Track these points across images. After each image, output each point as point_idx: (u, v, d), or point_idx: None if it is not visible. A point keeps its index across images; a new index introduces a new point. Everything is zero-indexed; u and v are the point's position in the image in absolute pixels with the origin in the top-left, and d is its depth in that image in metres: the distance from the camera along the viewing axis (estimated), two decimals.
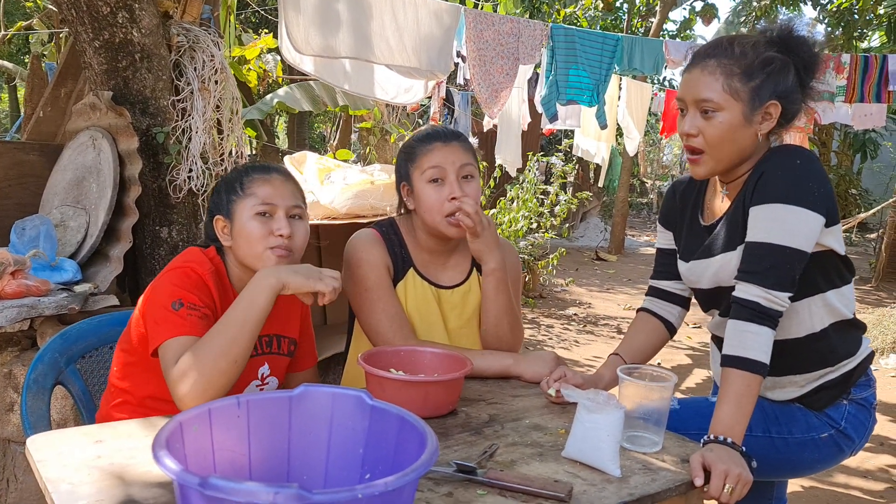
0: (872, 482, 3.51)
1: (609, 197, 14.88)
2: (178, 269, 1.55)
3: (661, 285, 1.90)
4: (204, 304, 1.51)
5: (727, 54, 1.57)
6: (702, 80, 1.57)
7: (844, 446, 1.68)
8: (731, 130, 1.57)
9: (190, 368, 1.36)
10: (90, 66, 2.75)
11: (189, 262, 1.58)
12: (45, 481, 1.11)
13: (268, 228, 1.58)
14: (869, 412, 1.69)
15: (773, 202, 1.51)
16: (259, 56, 5.42)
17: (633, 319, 1.93)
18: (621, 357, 1.81)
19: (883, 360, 5.74)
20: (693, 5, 13.44)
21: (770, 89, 1.56)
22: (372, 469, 1.06)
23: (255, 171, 1.65)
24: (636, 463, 1.34)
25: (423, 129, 1.90)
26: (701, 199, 1.79)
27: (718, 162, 1.61)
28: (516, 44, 4.35)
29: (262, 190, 1.61)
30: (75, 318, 2.16)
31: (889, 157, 15.88)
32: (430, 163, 1.80)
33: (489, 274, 1.85)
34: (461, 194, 1.78)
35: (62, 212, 2.76)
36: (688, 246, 1.77)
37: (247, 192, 1.61)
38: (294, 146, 13.64)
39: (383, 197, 3.52)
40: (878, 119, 6.93)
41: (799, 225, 1.49)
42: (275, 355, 1.72)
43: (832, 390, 1.66)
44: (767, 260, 1.49)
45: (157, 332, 1.45)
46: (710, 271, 1.68)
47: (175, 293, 1.49)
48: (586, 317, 7.12)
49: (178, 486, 0.84)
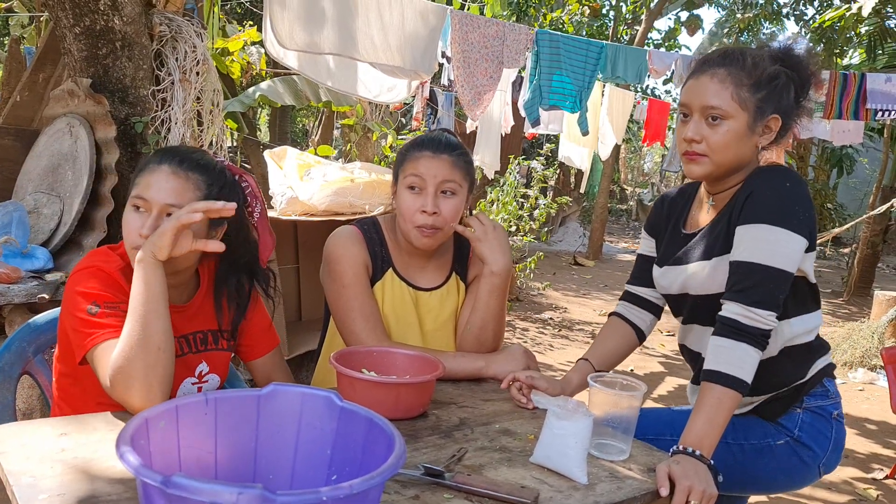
0: (836, 494, 3.56)
1: (589, 202, 14.96)
2: (84, 271, 1.47)
3: (636, 291, 1.92)
4: (119, 298, 1.43)
5: (739, 64, 1.59)
6: (711, 88, 1.59)
7: (805, 457, 1.69)
8: (734, 139, 1.59)
9: (122, 374, 1.31)
10: (70, 52, 2.71)
11: (94, 262, 1.50)
12: (5, 473, 1.09)
13: (140, 223, 1.48)
14: (828, 422, 1.70)
15: (760, 222, 1.53)
16: (243, 48, 5.38)
17: (604, 323, 1.94)
18: (590, 362, 1.82)
19: (851, 373, 5.82)
20: (678, 15, 13.55)
21: (774, 104, 1.59)
22: (339, 470, 1.06)
23: (153, 160, 1.53)
24: (603, 471, 1.35)
25: (426, 134, 1.89)
26: (686, 210, 1.81)
27: (718, 167, 1.62)
28: (501, 47, 4.35)
29: (143, 181, 1.50)
30: (45, 307, 2.12)
31: (865, 174, 16.10)
32: (412, 170, 1.79)
33: (487, 276, 1.84)
34: (432, 210, 1.77)
35: (36, 198, 2.73)
36: (665, 252, 1.80)
37: (135, 181, 1.52)
38: (276, 139, 13.55)
39: (363, 195, 3.51)
40: (856, 136, 7.04)
41: (783, 247, 1.51)
42: (211, 351, 1.66)
43: (784, 400, 1.68)
44: (751, 278, 1.50)
45: (81, 340, 1.39)
46: (681, 278, 1.70)
47: (88, 296, 1.42)
48: (561, 321, 7.15)
49: (140, 483, 0.84)
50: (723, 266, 1.60)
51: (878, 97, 5.41)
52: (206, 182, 1.53)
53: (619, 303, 1.95)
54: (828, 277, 12.09)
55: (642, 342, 1.93)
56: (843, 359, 6.04)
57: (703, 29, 13.88)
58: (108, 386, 1.34)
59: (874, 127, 10.26)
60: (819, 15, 10.23)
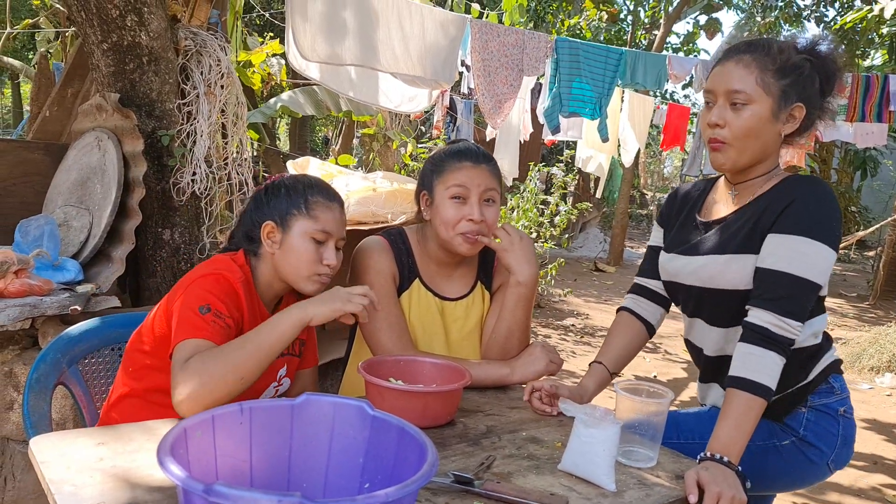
0: (866, 501, 3.52)
1: (609, 208, 14.91)
2: (211, 276, 1.55)
3: (645, 283, 1.92)
4: (230, 314, 1.51)
5: (764, 51, 1.61)
6: (735, 72, 1.61)
7: (813, 456, 1.68)
8: (758, 124, 1.60)
9: (197, 372, 1.36)
10: (97, 67, 2.77)
11: (220, 269, 1.58)
12: (48, 482, 1.12)
13: (319, 255, 1.62)
14: (834, 419, 1.69)
15: (802, 235, 1.54)
16: (264, 59, 5.44)
17: (613, 320, 1.95)
18: (604, 365, 1.83)
19: (878, 378, 5.75)
20: (697, 19, 13.49)
21: (798, 92, 1.60)
22: (371, 479, 1.08)
23: (321, 194, 1.66)
24: (631, 478, 1.35)
25: (457, 145, 1.91)
26: (703, 198, 1.82)
27: (741, 154, 1.63)
28: (521, 55, 4.38)
29: (325, 216, 1.64)
30: (77, 319, 2.17)
31: (889, 176, 15.94)
32: (456, 180, 1.82)
33: (513, 286, 1.86)
34: (480, 218, 1.81)
35: (66, 212, 2.78)
36: (675, 238, 1.80)
37: (311, 212, 1.63)
38: (295, 149, 13.67)
39: (385, 204, 3.53)
40: (880, 138, 6.99)
41: (819, 260, 1.53)
42: (290, 356, 1.75)
43: (788, 400, 1.68)
44: (785, 289, 1.51)
45: (179, 331, 1.46)
46: (692, 267, 1.70)
47: (205, 297, 1.49)
48: (583, 328, 7.13)
49: (182, 491, 0.86)
50: (737, 264, 1.61)
51: None
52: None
53: (627, 296, 1.95)
54: (853, 281, 11.95)
55: (652, 336, 1.94)
56: (869, 364, 5.97)
57: (723, 32, 13.82)
58: (176, 377, 1.37)
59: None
60: (840, 17, 10.15)
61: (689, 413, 1.85)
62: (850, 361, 6.08)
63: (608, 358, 1.85)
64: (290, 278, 1.64)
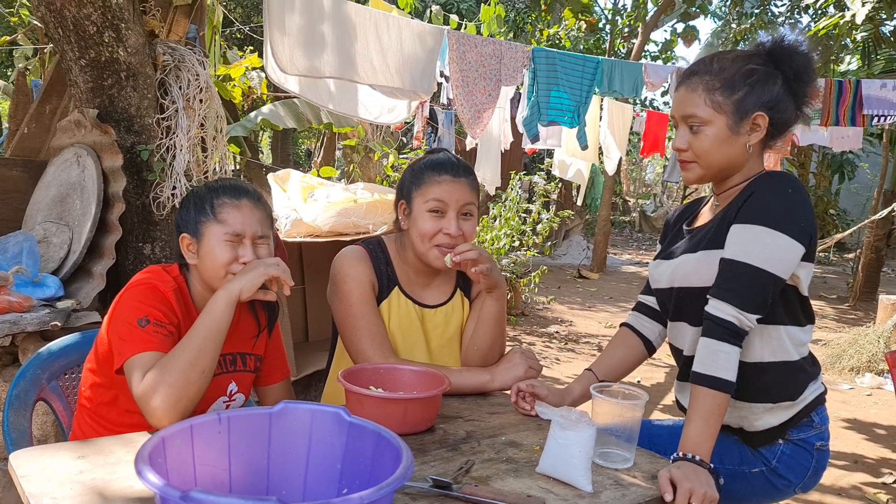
0: (846, 499, 3.56)
1: (592, 215, 14.99)
2: (142, 286, 1.57)
3: (646, 300, 1.94)
4: (168, 321, 1.54)
5: (707, 70, 1.64)
6: (686, 98, 1.65)
7: (779, 484, 1.69)
8: (717, 143, 1.63)
9: (158, 382, 1.39)
10: (76, 83, 2.77)
11: (151, 279, 1.60)
12: (28, 496, 1.13)
13: (234, 254, 1.62)
14: (809, 453, 1.68)
15: (758, 224, 1.54)
16: (244, 73, 5.45)
17: (614, 334, 1.98)
18: (594, 373, 1.85)
19: (858, 378, 5.82)
20: (674, 27, 13.62)
21: (754, 100, 1.61)
22: (349, 484, 1.09)
23: (226, 195, 1.65)
24: (607, 479, 1.38)
25: (437, 156, 1.92)
26: (696, 212, 1.86)
27: (707, 170, 1.67)
28: (498, 65, 4.42)
29: (233, 216, 1.62)
30: (57, 335, 2.17)
31: (866, 179, 16.14)
32: (434, 194, 1.83)
33: (497, 299, 1.94)
34: (457, 233, 1.83)
35: (45, 228, 2.78)
36: (665, 247, 1.84)
37: (218, 216, 1.62)
38: (278, 162, 13.66)
39: (366, 215, 3.56)
40: (855, 141, 7.09)
41: (779, 251, 1.53)
42: (240, 372, 1.75)
43: (770, 431, 1.67)
44: (743, 279, 1.52)
45: (123, 348, 1.47)
46: (669, 269, 1.73)
47: (141, 309, 1.51)
48: (567, 335, 7.17)
49: (160, 500, 0.87)
50: (708, 260, 1.62)
51: (873, 103, 5.46)
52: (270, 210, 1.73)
53: (630, 313, 1.97)
54: (833, 283, 12.08)
55: (651, 354, 1.95)
56: (849, 364, 6.04)
57: (700, 40, 13.96)
58: (139, 393, 1.40)
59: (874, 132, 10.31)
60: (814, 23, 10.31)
61: (662, 426, 1.87)
62: (830, 362, 6.15)
63: (600, 368, 1.88)
64: (213, 282, 1.63)
